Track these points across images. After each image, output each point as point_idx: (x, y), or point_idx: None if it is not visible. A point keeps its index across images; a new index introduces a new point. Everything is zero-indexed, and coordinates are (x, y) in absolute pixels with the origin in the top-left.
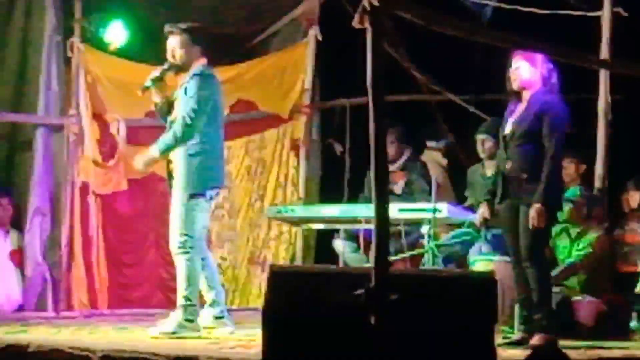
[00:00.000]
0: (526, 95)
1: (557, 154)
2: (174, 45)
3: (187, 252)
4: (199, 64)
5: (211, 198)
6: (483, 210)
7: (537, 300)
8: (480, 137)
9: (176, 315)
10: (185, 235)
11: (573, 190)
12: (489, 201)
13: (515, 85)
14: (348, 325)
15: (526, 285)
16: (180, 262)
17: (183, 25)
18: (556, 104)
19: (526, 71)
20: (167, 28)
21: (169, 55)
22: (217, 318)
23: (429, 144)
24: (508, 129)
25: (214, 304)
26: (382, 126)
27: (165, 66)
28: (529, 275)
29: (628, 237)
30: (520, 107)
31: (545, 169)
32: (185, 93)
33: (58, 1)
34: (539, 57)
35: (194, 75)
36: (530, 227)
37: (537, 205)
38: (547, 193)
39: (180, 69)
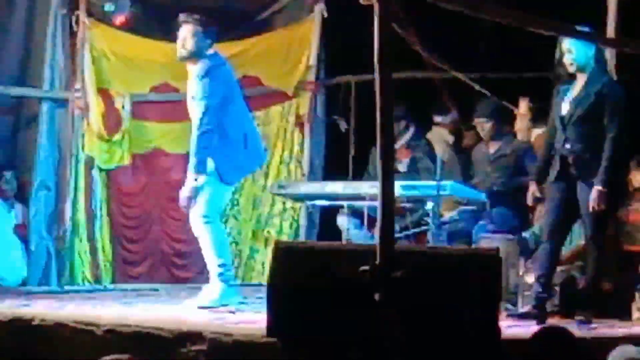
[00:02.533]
0: (581, 75)
1: (619, 135)
2: (185, 34)
3: (210, 222)
4: (206, 58)
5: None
6: (534, 189)
7: (590, 278)
8: (478, 120)
9: (216, 286)
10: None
11: None
12: (537, 180)
13: (572, 69)
14: (352, 301)
15: (547, 263)
16: (205, 232)
17: (197, 16)
18: (615, 84)
19: (581, 53)
20: (181, 17)
21: (179, 45)
22: None
23: (436, 118)
24: (565, 109)
25: None
26: (389, 103)
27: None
28: (588, 254)
29: (632, 216)
30: (577, 88)
31: (608, 151)
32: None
33: None
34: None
35: (201, 77)
36: (591, 209)
37: (598, 187)
38: (609, 174)
39: (188, 58)
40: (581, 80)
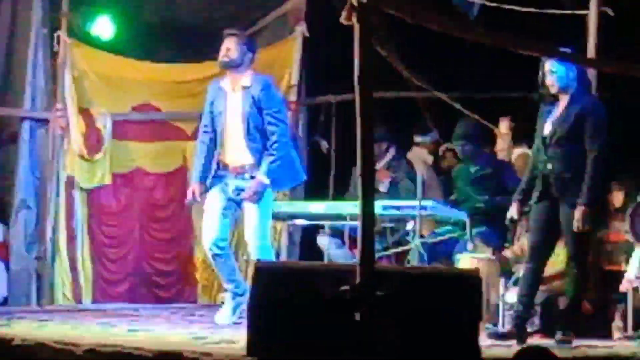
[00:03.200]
0: (564, 96)
1: (600, 156)
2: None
3: None
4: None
5: None
6: (514, 210)
7: (572, 299)
8: (457, 143)
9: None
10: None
11: None
12: (520, 201)
13: (553, 90)
14: (333, 321)
15: (530, 283)
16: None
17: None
18: (597, 105)
19: (563, 74)
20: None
21: (222, 54)
22: None
23: (417, 138)
24: (547, 130)
25: None
26: (369, 123)
27: None
28: (570, 274)
29: (612, 236)
30: (559, 108)
31: (590, 171)
32: None
33: None
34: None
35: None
36: (575, 229)
37: (582, 208)
38: (591, 194)
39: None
40: (564, 101)
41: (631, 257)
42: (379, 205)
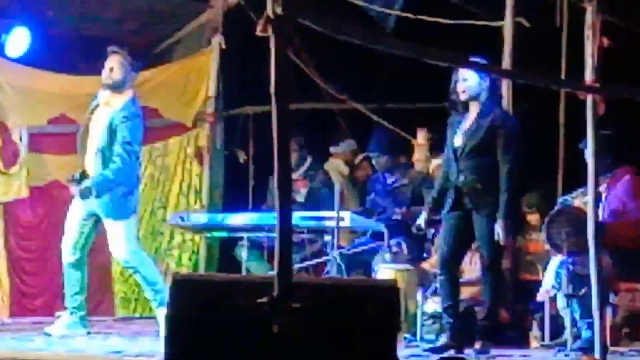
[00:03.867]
0: (474, 106)
1: (514, 168)
2: (113, 64)
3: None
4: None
5: None
6: (422, 218)
7: (488, 309)
8: (372, 155)
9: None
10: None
11: None
12: (430, 210)
13: (463, 97)
14: (251, 333)
15: (450, 293)
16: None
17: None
18: (509, 117)
19: (474, 83)
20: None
21: (105, 73)
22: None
23: (332, 149)
24: (458, 141)
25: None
26: (286, 134)
27: None
28: (486, 284)
29: (531, 246)
30: (469, 119)
31: (504, 184)
32: None
33: None
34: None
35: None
36: (498, 241)
37: (502, 221)
38: (510, 207)
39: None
40: (474, 111)
41: (548, 266)
42: (297, 216)
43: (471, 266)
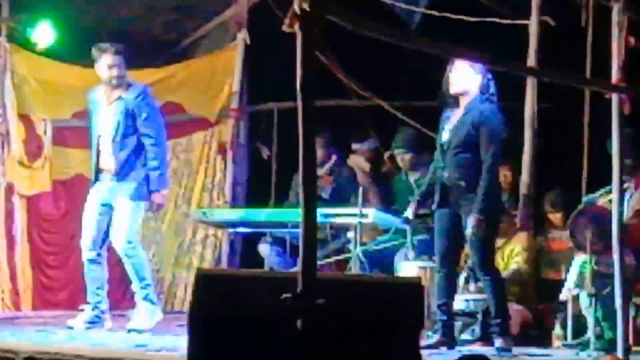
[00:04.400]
0: (463, 102)
1: (494, 165)
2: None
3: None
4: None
5: None
6: (409, 210)
7: (496, 306)
8: (397, 152)
9: (147, 307)
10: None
11: None
12: (418, 202)
13: (452, 90)
14: (275, 329)
15: (446, 290)
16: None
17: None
18: (493, 113)
19: (466, 76)
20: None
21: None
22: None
23: (354, 146)
24: (445, 137)
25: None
26: (311, 130)
27: None
28: (484, 283)
29: (552, 244)
30: (457, 115)
31: (483, 179)
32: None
33: None
34: (480, 65)
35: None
36: (472, 236)
37: (475, 216)
38: (485, 203)
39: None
40: (462, 107)
41: (571, 265)
42: (320, 213)
43: None
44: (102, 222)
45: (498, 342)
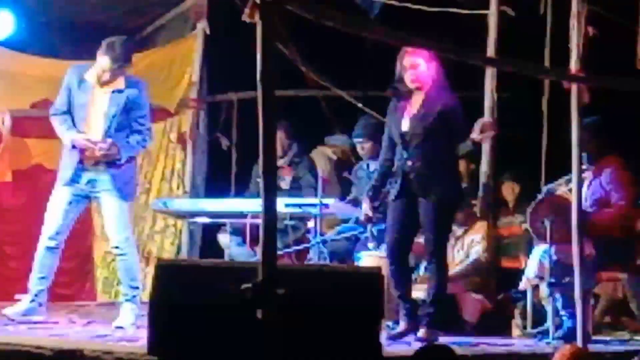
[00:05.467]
0: (420, 92)
1: (456, 152)
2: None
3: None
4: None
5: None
6: (365, 207)
7: (433, 295)
8: (357, 140)
9: (132, 307)
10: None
11: None
12: (371, 197)
13: (414, 85)
14: (235, 319)
15: (402, 282)
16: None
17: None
18: (457, 102)
19: (423, 68)
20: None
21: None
22: None
23: (327, 139)
24: (405, 126)
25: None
26: (272, 121)
27: None
28: (431, 271)
29: (504, 230)
30: (416, 105)
31: (451, 166)
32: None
33: None
34: (432, 55)
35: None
36: (433, 222)
37: (441, 201)
38: (451, 189)
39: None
40: (419, 96)
41: (530, 255)
42: (281, 202)
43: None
44: (71, 212)
45: (422, 332)
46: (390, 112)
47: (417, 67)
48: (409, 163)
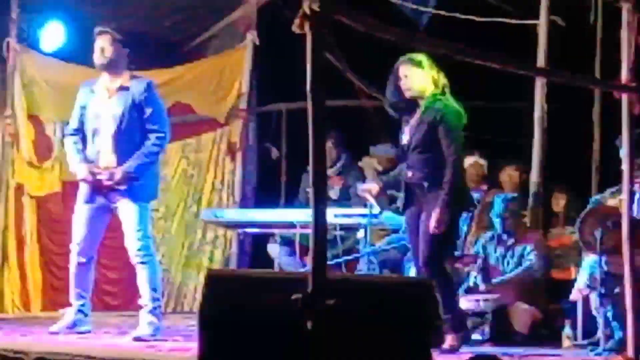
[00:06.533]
0: (420, 102)
1: (457, 160)
2: (103, 44)
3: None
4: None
5: None
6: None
7: (443, 304)
8: None
9: (152, 318)
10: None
11: (504, 198)
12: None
13: (408, 95)
14: (284, 330)
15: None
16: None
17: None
18: (449, 110)
19: (417, 78)
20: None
21: (98, 54)
22: None
23: (372, 149)
24: (405, 138)
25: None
26: (321, 131)
27: None
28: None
29: (554, 241)
30: (416, 115)
31: (447, 176)
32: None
33: None
34: (426, 62)
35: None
36: (431, 231)
37: (437, 211)
38: (449, 199)
39: (107, 67)
40: (420, 107)
41: (581, 266)
42: (330, 213)
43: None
44: (96, 225)
45: (449, 340)
46: (401, 126)
47: (408, 77)
48: (409, 174)
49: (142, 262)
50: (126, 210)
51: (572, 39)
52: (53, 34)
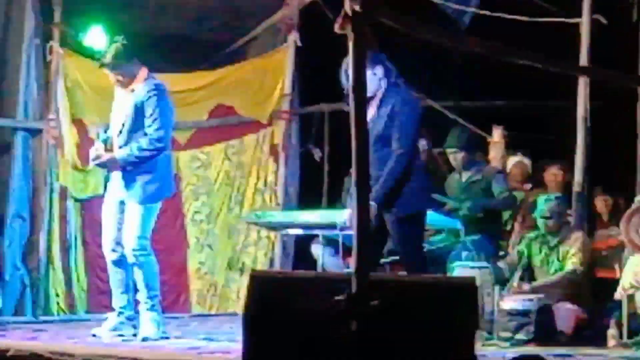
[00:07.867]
0: (374, 97)
1: (404, 154)
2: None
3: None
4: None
5: None
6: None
7: None
8: (449, 151)
9: (154, 316)
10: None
11: (547, 198)
12: None
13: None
14: (329, 331)
15: None
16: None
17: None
18: (404, 103)
19: (369, 78)
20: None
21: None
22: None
23: None
24: None
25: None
26: (364, 131)
27: None
28: None
29: (601, 243)
30: (371, 111)
31: (387, 167)
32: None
33: (37, 5)
34: (372, 60)
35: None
36: (415, 240)
37: (372, 203)
38: (385, 189)
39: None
40: (374, 102)
41: (625, 265)
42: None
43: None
44: (122, 220)
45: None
46: None
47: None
48: (373, 172)
49: (136, 263)
50: (131, 210)
51: (615, 37)
52: (96, 37)
